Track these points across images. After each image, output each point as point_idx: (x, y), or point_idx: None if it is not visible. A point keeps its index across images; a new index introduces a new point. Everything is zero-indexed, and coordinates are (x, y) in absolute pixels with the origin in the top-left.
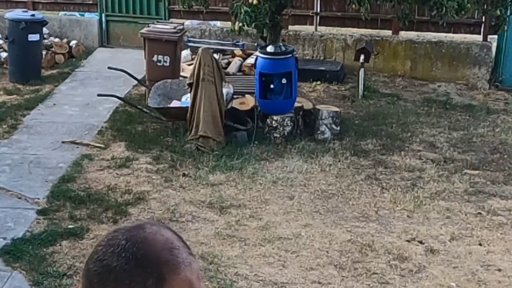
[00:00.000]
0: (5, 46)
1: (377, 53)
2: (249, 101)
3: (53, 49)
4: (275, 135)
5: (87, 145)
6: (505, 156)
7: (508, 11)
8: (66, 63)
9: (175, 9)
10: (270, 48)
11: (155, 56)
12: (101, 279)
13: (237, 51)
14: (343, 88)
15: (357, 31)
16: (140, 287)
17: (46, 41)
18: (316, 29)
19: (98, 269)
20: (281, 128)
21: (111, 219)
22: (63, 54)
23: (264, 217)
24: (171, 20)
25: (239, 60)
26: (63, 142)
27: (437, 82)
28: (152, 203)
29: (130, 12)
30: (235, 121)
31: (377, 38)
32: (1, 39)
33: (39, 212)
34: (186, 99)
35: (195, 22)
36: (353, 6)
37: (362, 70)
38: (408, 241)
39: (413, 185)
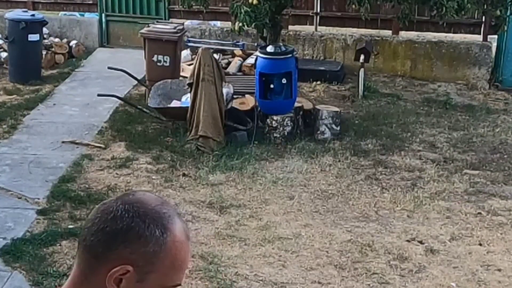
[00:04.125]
0: (5, 46)
1: (377, 53)
2: (249, 101)
3: (53, 49)
4: (275, 135)
5: (87, 145)
6: (505, 156)
7: (508, 11)
8: (66, 63)
9: (175, 9)
10: (270, 48)
11: (155, 56)
12: (108, 245)
13: (237, 51)
14: (343, 88)
15: (357, 31)
16: (150, 239)
17: (46, 41)
18: (316, 29)
19: (101, 237)
20: (281, 128)
21: None
22: (63, 54)
23: (264, 217)
24: (171, 20)
25: (239, 60)
26: (63, 142)
27: (437, 82)
28: None
29: (130, 12)
30: (235, 121)
31: (377, 38)
32: (1, 39)
33: (39, 212)
34: (186, 99)
35: (195, 22)
36: (353, 6)
37: (362, 70)
38: (408, 241)
39: (413, 185)
